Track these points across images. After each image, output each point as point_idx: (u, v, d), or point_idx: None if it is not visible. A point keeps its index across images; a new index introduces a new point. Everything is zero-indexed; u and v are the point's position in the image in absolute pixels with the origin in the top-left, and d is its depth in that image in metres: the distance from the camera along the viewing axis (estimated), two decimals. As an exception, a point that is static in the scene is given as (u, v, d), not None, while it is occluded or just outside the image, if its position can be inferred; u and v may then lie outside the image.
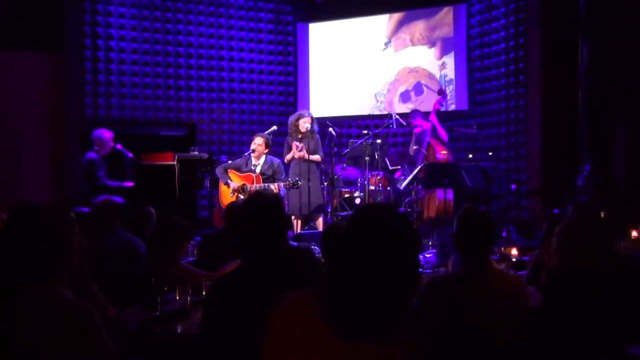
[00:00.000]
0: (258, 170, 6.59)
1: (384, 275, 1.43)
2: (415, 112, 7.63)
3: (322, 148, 6.94)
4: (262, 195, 2.23)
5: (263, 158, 6.63)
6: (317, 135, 6.92)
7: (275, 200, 2.20)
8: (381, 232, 1.45)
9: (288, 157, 6.86)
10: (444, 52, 8.51)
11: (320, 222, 6.93)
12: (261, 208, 2.14)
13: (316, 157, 6.81)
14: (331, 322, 1.44)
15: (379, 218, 1.48)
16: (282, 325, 1.50)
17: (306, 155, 6.64)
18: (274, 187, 6.23)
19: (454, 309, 2.38)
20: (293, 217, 6.73)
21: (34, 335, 1.75)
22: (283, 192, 6.35)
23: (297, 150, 6.77)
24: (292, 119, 6.95)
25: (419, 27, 8.67)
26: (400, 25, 8.81)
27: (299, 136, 6.79)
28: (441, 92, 7.54)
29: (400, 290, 1.45)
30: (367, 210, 1.54)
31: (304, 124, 6.75)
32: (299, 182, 6.27)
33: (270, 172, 6.58)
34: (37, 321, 1.76)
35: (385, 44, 8.88)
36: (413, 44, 8.71)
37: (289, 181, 6.27)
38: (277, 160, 6.72)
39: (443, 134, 7.29)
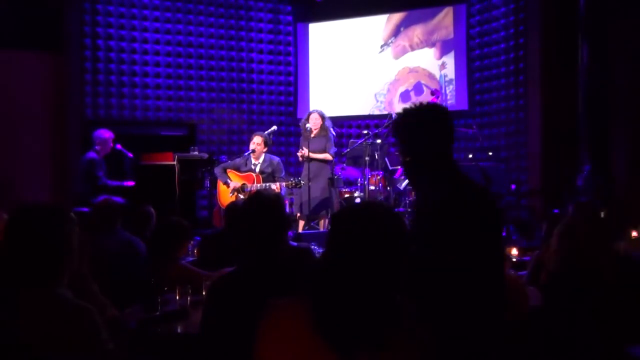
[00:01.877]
0: (258, 169, 6.58)
1: (372, 280, 1.37)
2: None
3: (332, 146, 6.84)
4: (262, 195, 2.22)
5: (262, 157, 6.62)
6: (330, 134, 6.83)
7: (275, 200, 2.20)
8: (363, 234, 1.38)
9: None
10: (444, 52, 8.51)
11: (322, 223, 6.92)
12: (261, 208, 2.14)
13: (322, 156, 6.71)
14: (325, 337, 1.37)
15: (357, 220, 1.41)
16: (272, 336, 1.43)
17: (306, 153, 6.58)
18: (275, 186, 6.22)
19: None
20: (298, 216, 6.73)
21: (34, 335, 1.75)
22: (284, 191, 6.34)
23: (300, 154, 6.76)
24: (303, 119, 6.89)
25: (416, 31, 8.67)
26: (397, 30, 8.80)
27: (312, 135, 6.70)
28: (434, 93, 7.49)
29: (391, 293, 1.39)
30: (346, 214, 1.47)
31: (314, 120, 6.71)
32: (302, 182, 6.26)
33: (269, 170, 6.57)
34: (38, 321, 1.77)
35: (382, 46, 8.88)
36: (412, 49, 8.72)
37: (292, 180, 6.27)
38: (276, 159, 6.71)
39: None
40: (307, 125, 6.68)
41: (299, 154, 6.74)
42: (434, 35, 8.56)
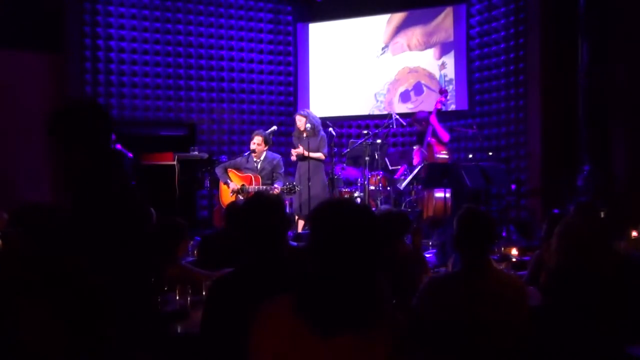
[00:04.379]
0: (258, 166, 6.59)
1: (351, 265, 1.49)
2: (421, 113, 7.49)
3: (325, 146, 6.89)
4: (262, 195, 2.23)
5: (263, 155, 6.63)
6: (322, 133, 6.88)
7: (275, 201, 2.21)
8: (338, 225, 1.51)
9: (292, 158, 6.94)
10: (443, 52, 8.51)
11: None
12: (262, 208, 2.15)
13: (316, 155, 6.76)
14: (307, 318, 1.48)
15: (333, 213, 1.55)
16: (264, 332, 1.54)
17: (305, 153, 6.62)
18: (275, 188, 6.23)
19: (453, 309, 2.38)
20: (297, 218, 6.75)
21: (34, 335, 1.75)
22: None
23: (294, 154, 6.83)
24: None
25: (416, 33, 8.66)
26: (397, 31, 8.80)
27: (304, 135, 6.76)
28: (442, 92, 7.43)
29: (368, 278, 1.51)
30: (323, 208, 1.60)
31: (298, 122, 6.83)
32: (297, 188, 6.25)
33: (269, 168, 6.57)
34: (38, 321, 1.76)
35: (383, 49, 8.88)
36: (410, 49, 8.71)
37: (286, 186, 6.25)
38: (277, 157, 6.72)
39: (443, 135, 7.18)
40: (299, 123, 6.79)
41: (293, 152, 6.79)
42: (432, 38, 8.56)
